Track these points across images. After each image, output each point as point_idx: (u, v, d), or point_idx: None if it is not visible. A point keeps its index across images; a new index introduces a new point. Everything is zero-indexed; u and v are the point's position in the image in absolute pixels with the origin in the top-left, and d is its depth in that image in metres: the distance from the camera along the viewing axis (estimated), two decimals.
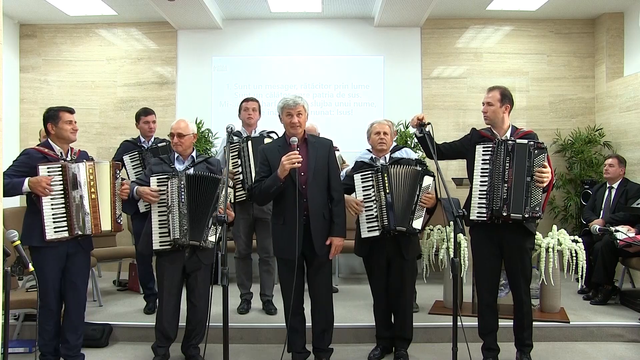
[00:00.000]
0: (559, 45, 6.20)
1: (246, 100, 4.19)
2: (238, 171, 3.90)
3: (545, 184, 2.96)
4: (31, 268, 2.51)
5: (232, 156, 3.93)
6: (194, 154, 3.37)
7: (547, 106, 6.20)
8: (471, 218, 3.11)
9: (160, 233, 3.17)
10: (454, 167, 5.79)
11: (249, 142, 3.90)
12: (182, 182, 3.12)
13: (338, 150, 4.53)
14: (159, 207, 3.18)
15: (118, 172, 3.21)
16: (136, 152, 4.18)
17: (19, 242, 2.52)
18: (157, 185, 3.17)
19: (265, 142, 3.90)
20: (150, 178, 3.19)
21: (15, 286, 3.77)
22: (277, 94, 5.85)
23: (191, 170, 3.22)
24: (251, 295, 4.20)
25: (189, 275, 3.28)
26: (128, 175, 4.10)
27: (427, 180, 3.16)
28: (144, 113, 4.31)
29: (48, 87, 6.26)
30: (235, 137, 3.98)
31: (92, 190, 3.04)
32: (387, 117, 4.45)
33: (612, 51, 5.93)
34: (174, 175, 3.15)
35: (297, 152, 2.96)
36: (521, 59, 6.20)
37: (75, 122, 3.16)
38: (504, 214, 2.97)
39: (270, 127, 4.15)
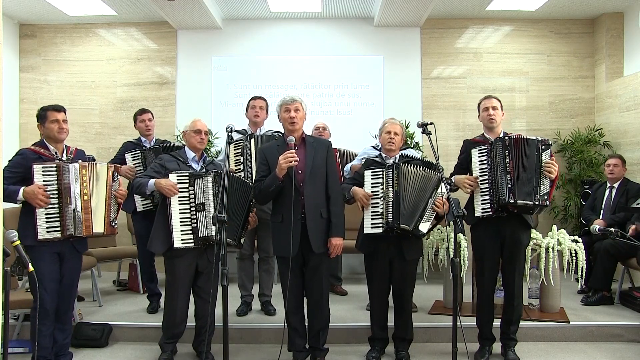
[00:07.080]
0: (559, 45, 6.20)
1: (254, 98, 4.16)
2: (240, 169, 3.85)
3: (554, 176, 3.14)
4: (31, 268, 2.51)
5: (235, 153, 3.88)
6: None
7: (547, 106, 6.20)
8: (476, 215, 3.22)
9: (182, 231, 3.11)
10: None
11: (252, 140, 3.85)
12: (215, 182, 3.13)
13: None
14: (180, 204, 3.11)
15: (116, 174, 3.18)
16: (138, 152, 4.18)
17: (18, 242, 2.52)
18: (177, 183, 3.12)
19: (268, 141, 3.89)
20: (170, 175, 3.13)
21: (15, 286, 3.77)
22: (277, 94, 5.83)
23: (225, 170, 3.14)
24: (251, 298, 4.16)
25: (200, 273, 3.25)
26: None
27: (442, 188, 3.15)
28: (139, 112, 4.35)
29: (48, 87, 6.25)
30: (239, 135, 3.96)
31: (85, 191, 3.00)
32: (386, 117, 4.43)
33: (611, 51, 5.94)
34: (207, 173, 3.16)
35: (294, 151, 2.98)
36: (521, 59, 6.20)
37: (65, 120, 3.09)
38: (511, 201, 3.10)
39: (270, 127, 4.12)
